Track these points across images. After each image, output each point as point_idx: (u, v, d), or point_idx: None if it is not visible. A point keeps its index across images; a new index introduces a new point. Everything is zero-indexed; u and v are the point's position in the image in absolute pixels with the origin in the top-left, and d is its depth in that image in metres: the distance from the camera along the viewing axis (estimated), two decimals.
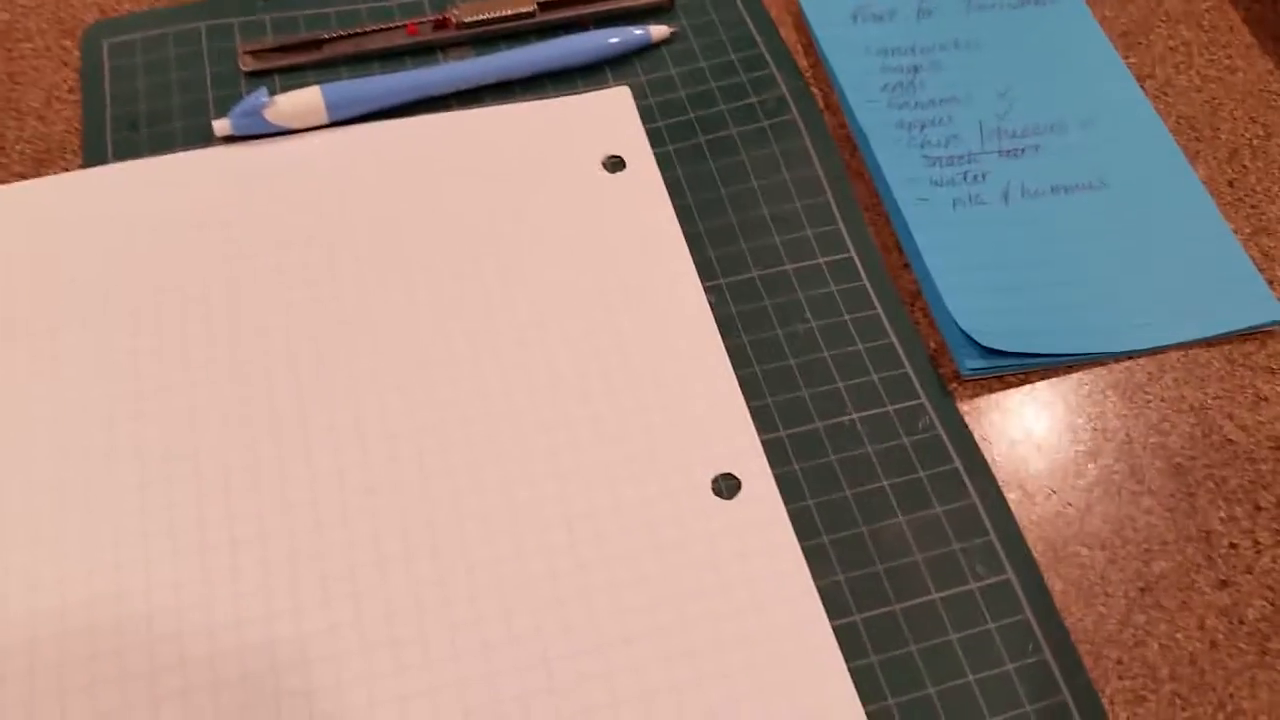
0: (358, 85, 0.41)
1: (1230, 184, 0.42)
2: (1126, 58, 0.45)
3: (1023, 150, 0.42)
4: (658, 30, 0.43)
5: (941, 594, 0.32)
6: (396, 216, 0.39)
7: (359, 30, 0.43)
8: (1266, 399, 0.37)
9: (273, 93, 0.41)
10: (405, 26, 0.43)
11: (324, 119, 0.40)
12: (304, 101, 0.40)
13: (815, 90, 0.43)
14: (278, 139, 0.40)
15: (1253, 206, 0.41)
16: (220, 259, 0.37)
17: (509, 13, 0.43)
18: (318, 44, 0.43)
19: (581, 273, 0.38)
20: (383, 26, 0.43)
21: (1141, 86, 0.44)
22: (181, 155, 0.39)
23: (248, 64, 0.42)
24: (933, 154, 0.41)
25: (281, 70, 0.42)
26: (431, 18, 0.43)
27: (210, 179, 0.39)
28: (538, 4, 0.44)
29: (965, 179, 0.41)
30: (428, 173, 0.40)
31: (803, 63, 0.44)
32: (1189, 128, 0.43)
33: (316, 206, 0.39)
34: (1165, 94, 0.44)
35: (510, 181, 0.40)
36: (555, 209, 0.39)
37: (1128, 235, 0.39)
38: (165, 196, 0.38)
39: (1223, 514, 0.34)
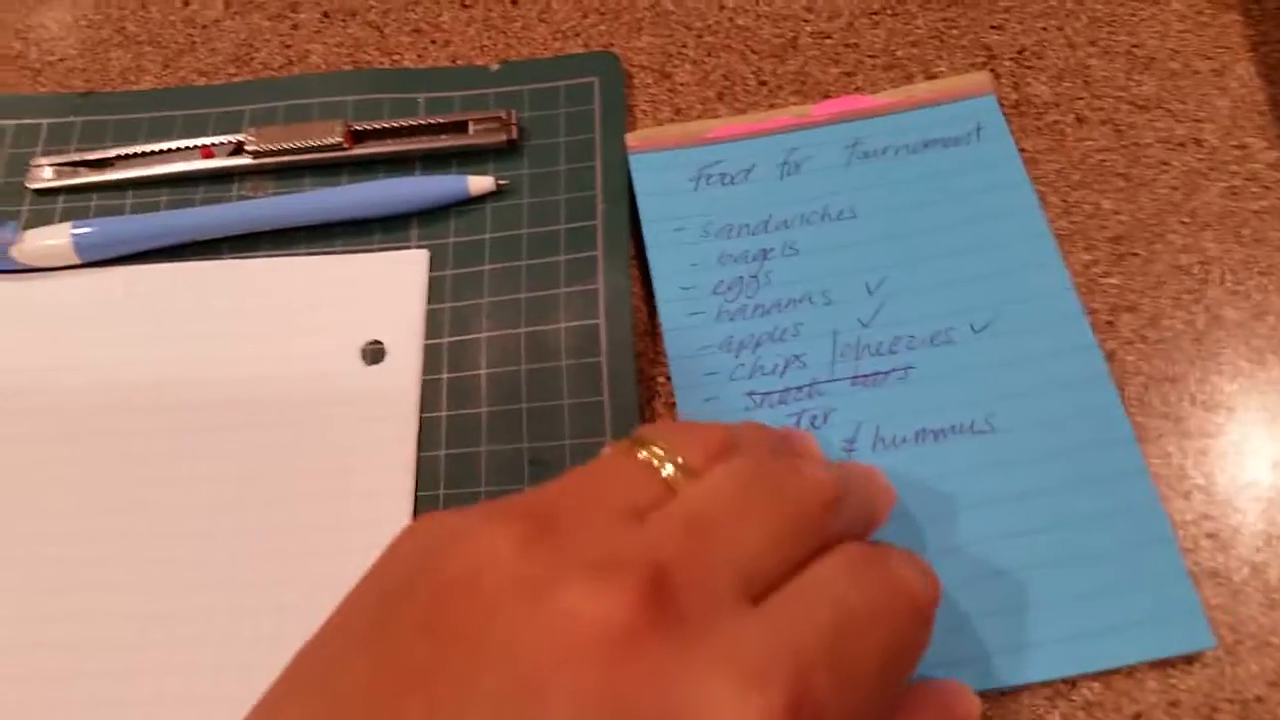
0: (112, 226, 0.36)
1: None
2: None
3: (886, 375, 0.31)
4: (478, 183, 0.36)
5: None
6: (134, 373, 0.34)
7: (150, 151, 0.37)
8: None
9: (50, 220, 0.37)
10: (200, 149, 0.37)
11: (74, 260, 0.36)
12: (51, 242, 0.35)
13: (637, 292, 0.34)
14: (26, 276, 0.36)
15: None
16: None
17: (312, 143, 0.37)
18: (107, 163, 0.38)
19: (316, 512, 0.31)
20: (175, 147, 0.37)
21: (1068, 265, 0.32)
22: None
23: (33, 179, 0.38)
24: (760, 389, 0.32)
25: (68, 191, 0.38)
26: (230, 140, 0.37)
27: None
28: (350, 132, 0.37)
29: (800, 422, 0.31)
30: (175, 327, 0.34)
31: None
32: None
33: (52, 350, 0.34)
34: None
35: (258, 354, 0.34)
36: (300, 407, 0.33)
37: (1016, 512, 0.29)
38: None
39: None
